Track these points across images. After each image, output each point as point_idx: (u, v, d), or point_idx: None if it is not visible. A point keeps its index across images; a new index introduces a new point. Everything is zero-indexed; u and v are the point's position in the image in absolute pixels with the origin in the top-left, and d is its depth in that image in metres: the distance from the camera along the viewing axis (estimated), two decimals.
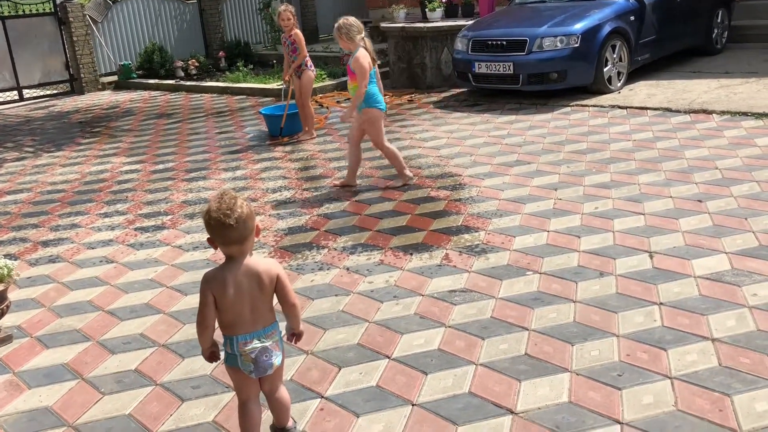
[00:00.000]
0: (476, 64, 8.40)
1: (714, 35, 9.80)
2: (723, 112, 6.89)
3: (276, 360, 2.47)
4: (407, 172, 5.72)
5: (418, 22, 10.23)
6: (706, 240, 4.05)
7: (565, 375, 2.89)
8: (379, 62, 5.70)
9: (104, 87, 13.14)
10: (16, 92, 12.26)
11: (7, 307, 3.59)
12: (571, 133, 6.79)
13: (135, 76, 13.22)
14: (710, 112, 6.95)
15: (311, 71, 7.53)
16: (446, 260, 4.15)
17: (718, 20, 9.83)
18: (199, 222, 5.23)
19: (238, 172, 6.57)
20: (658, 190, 4.98)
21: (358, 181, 5.82)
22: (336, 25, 5.48)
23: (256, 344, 2.41)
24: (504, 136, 6.98)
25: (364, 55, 5.38)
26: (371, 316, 3.52)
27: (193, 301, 3.90)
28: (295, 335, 2.57)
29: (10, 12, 12.53)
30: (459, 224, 4.73)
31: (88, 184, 6.63)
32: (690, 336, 3.07)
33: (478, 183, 5.59)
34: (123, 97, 12.12)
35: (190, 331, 3.56)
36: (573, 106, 7.88)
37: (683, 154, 5.76)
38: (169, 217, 5.44)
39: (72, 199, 6.15)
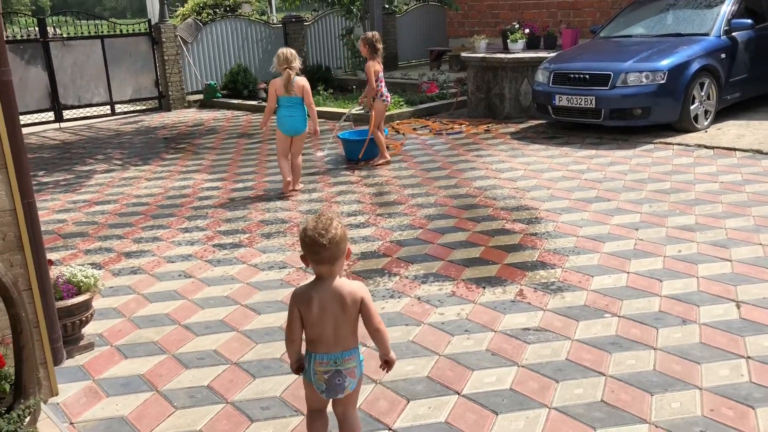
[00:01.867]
0: (557, 96, 8.30)
1: None
2: None
3: (349, 386, 2.51)
4: (295, 187, 6.74)
5: (498, 52, 10.21)
6: None
7: (644, 426, 2.76)
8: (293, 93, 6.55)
9: (190, 105, 13.66)
10: (108, 107, 12.89)
11: (91, 315, 3.73)
12: (654, 172, 6.59)
13: (219, 95, 13.69)
14: None
15: (382, 101, 7.59)
16: (520, 296, 4.07)
17: None
18: (275, 242, 5.33)
19: (315, 195, 6.67)
20: (746, 236, 4.75)
21: (431, 210, 5.82)
22: None
23: (331, 366, 2.47)
24: (583, 170, 6.84)
25: (272, 83, 6.60)
26: (441, 349, 3.48)
27: (266, 320, 3.97)
28: (386, 362, 2.59)
29: (108, 31, 13.23)
30: (534, 259, 4.64)
31: (171, 198, 6.87)
32: None
33: (555, 218, 5.49)
34: (207, 115, 12.56)
35: (262, 350, 3.61)
36: (656, 143, 7.66)
37: None
38: (247, 235, 5.56)
39: (155, 213, 6.38)
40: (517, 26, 10.23)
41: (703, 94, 7.95)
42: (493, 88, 9.96)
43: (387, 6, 15.93)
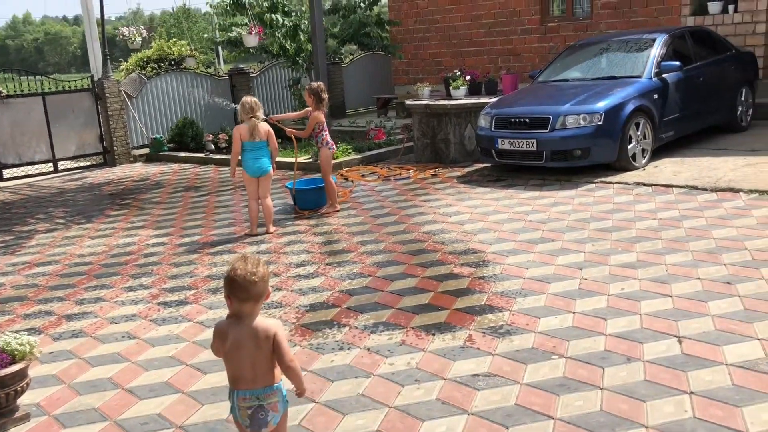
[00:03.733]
0: (499, 140, 8.49)
1: (738, 113, 9.83)
2: (750, 191, 6.83)
3: (272, 419, 2.65)
4: (269, 229, 7.02)
5: (442, 99, 10.43)
6: (737, 325, 3.94)
7: None
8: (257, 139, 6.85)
9: (136, 159, 13.49)
10: (51, 164, 12.63)
11: (27, 384, 3.58)
12: (596, 211, 6.76)
13: (166, 149, 13.58)
14: (737, 191, 6.89)
15: (327, 148, 7.68)
16: (470, 342, 4.07)
17: (742, 98, 9.88)
18: (221, 297, 5.22)
19: (263, 246, 6.62)
20: (685, 271, 4.89)
21: (380, 257, 5.84)
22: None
23: (253, 402, 2.61)
24: (528, 212, 6.97)
25: (236, 129, 6.92)
26: (392, 401, 3.45)
27: (212, 379, 3.87)
28: (299, 393, 2.76)
29: (50, 88, 13.05)
30: (483, 303, 4.67)
31: (115, 256, 6.71)
32: (724, 430, 2.94)
33: (502, 260, 5.55)
34: (153, 169, 12.41)
35: (208, 412, 3.51)
36: (597, 182, 7.88)
37: (711, 233, 5.68)
38: (193, 291, 5.46)
39: (98, 272, 6.22)
40: (458, 73, 10.50)
41: (639, 133, 8.24)
42: (438, 134, 10.14)
43: (333, 56, 16.19)
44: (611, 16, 13.21)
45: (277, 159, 11.31)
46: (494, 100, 9.49)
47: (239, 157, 6.96)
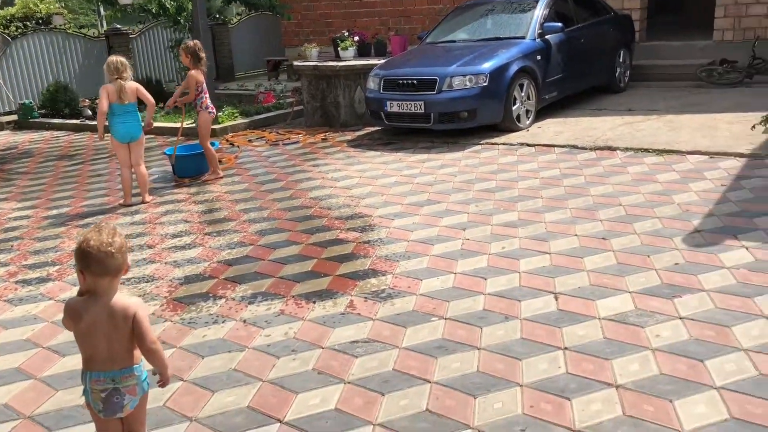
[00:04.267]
0: (388, 102, 8.37)
1: (617, 74, 10.16)
2: (626, 149, 7.06)
3: (129, 403, 2.43)
4: (145, 199, 6.65)
5: (330, 60, 10.17)
6: (610, 279, 4.03)
7: None
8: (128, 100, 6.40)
9: (3, 127, 12.43)
10: None
11: None
12: (481, 172, 6.79)
13: (37, 115, 12.59)
14: (614, 149, 7.12)
15: (207, 113, 7.31)
16: (351, 308, 3.95)
17: (621, 60, 10.21)
18: None
19: (137, 216, 6.22)
20: (564, 228, 4.97)
21: (264, 225, 5.61)
22: None
23: (108, 384, 2.40)
24: (416, 175, 6.91)
25: (103, 87, 6.38)
26: (265, 374, 3.28)
27: (70, 362, 3.56)
28: (162, 382, 2.51)
29: None
30: (366, 268, 4.56)
31: None
32: (594, 383, 2.97)
33: (388, 223, 5.46)
34: (23, 137, 11.48)
35: (63, 398, 3.22)
36: (483, 144, 7.93)
37: (589, 191, 5.82)
38: (57, 267, 5.04)
39: None
40: (347, 34, 10.25)
41: (523, 94, 8.34)
42: (328, 97, 9.90)
43: (218, 16, 15.47)
44: None
45: (162, 125, 10.76)
46: (383, 61, 9.33)
47: (106, 120, 6.44)
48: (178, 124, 8.81)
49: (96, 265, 2.31)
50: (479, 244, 4.81)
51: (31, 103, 12.64)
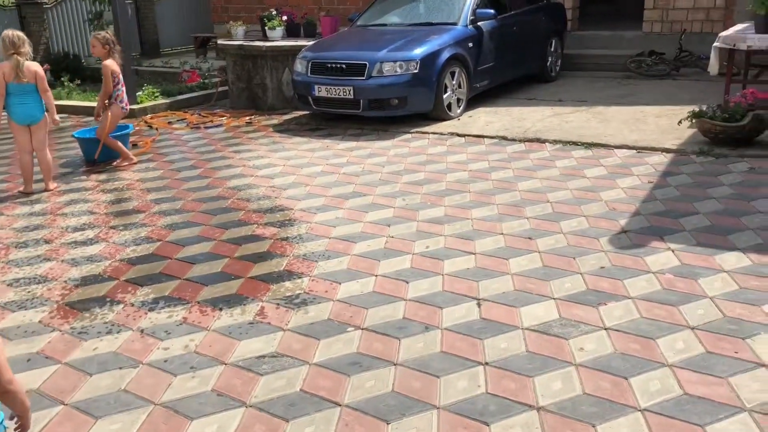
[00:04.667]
0: (316, 87, 8.02)
1: (548, 63, 10.09)
2: (555, 141, 6.96)
3: None
4: (48, 186, 6.16)
5: (257, 40, 9.71)
6: (534, 284, 3.86)
7: None
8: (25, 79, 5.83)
9: None
10: None
11: None
12: (410, 162, 6.56)
13: None
14: (543, 141, 7.00)
15: (120, 107, 6.81)
16: (260, 316, 3.66)
17: (552, 49, 10.14)
18: None
19: (37, 207, 5.71)
20: (490, 226, 4.79)
21: (175, 218, 5.22)
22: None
23: None
24: (343, 164, 6.62)
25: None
26: (158, 397, 2.95)
27: None
28: (21, 427, 2.03)
29: None
30: (282, 269, 4.26)
31: None
32: (515, 405, 2.78)
33: (310, 218, 5.16)
34: None
35: None
36: (414, 133, 7.69)
37: (516, 186, 5.66)
38: None
39: None
40: (274, 13, 9.80)
41: (454, 82, 8.13)
42: (254, 78, 9.45)
43: None
44: None
45: (77, 103, 10.08)
46: (311, 43, 8.95)
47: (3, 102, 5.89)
48: (95, 104, 8.24)
49: None
50: (403, 242, 4.58)
51: None
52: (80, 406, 2.89)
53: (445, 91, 8.01)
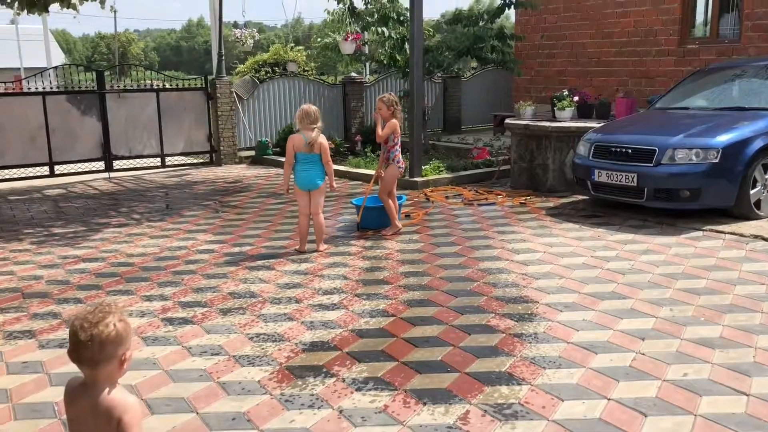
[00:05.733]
0: (596, 171, 7.46)
1: None
2: None
3: None
4: (318, 247, 6.56)
5: (545, 120, 9.47)
6: None
7: None
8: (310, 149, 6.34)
9: (241, 161, 13.57)
10: (159, 159, 12.95)
11: None
12: (692, 265, 5.62)
13: (270, 152, 13.55)
14: None
15: (397, 167, 7.07)
16: (462, 421, 3.28)
17: None
18: (228, 320, 4.77)
19: (303, 266, 6.10)
20: None
21: (417, 294, 5.12)
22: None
23: None
24: (610, 258, 5.95)
25: (290, 139, 6.42)
26: None
27: (155, 423, 3.36)
28: None
29: (164, 85, 13.44)
30: (503, 370, 3.84)
31: (159, 260, 6.48)
32: None
33: (553, 316, 4.65)
34: (252, 172, 12.37)
35: None
36: (706, 231, 6.65)
37: None
38: (205, 309, 5.03)
39: (133, 275, 5.98)
40: (566, 93, 9.48)
41: (767, 176, 6.89)
42: (537, 158, 9.20)
43: (455, 69, 15.54)
44: (763, 39, 11.53)
45: (354, 170, 10.88)
46: (599, 125, 8.42)
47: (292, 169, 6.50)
48: (372, 172, 8.76)
49: (73, 351, 1.99)
50: (655, 363, 3.82)
51: (266, 141, 13.66)
52: None
53: (753, 186, 6.83)
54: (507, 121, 9.86)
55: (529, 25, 15.60)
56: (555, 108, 9.43)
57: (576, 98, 9.42)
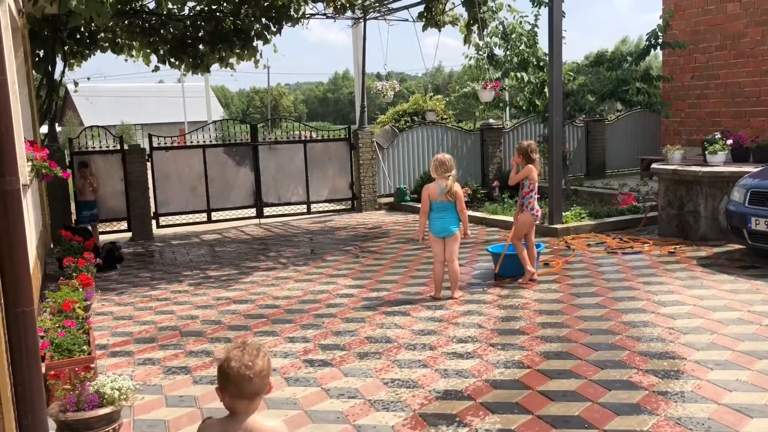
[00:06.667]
0: (753, 219, 6.96)
1: None
2: None
3: None
4: (453, 294, 6.59)
5: (695, 164, 8.98)
6: None
7: None
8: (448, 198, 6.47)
9: (380, 207, 13.98)
10: (305, 206, 13.65)
11: (119, 427, 3.61)
12: None
13: (408, 199, 13.85)
14: None
15: (531, 214, 6.99)
16: None
17: None
18: (365, 364, 4.91)
19: (438, 312, 6.16)
20: None
21: (554, 346, 5.00)
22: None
23: None
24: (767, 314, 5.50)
25: (425, 189, 6.60)
26: None
27: None
28: None
29: (311, 135, 14.23)
30: (645, 429, 3.65)
31: (303, 303, 6.80)
32: None
33: (702, 374, 4.36)
34: (391, 218, 12.70)
35: None
36: None
37: None
38: (343, 353, 5.22)
39: (278, 317, 6.33)
40: (718, 136, 8.96)
41: None
42: (687, 204, 8.72)
43: (598, 112, 15.18)
44: None
45: (504, 218, 10.82)
46: (758, 169, 7.86)
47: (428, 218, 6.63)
48: (510, 218, 8.67)
49: (233, 387, 2.19)
50: None
51: (405, 187, 14.00)
52: None
53: None
54: (654, 165, 9.46)
55: (677, 65, 14.95)
56: (706, 152, 8.92)
57: (729, 141, 8.86)
